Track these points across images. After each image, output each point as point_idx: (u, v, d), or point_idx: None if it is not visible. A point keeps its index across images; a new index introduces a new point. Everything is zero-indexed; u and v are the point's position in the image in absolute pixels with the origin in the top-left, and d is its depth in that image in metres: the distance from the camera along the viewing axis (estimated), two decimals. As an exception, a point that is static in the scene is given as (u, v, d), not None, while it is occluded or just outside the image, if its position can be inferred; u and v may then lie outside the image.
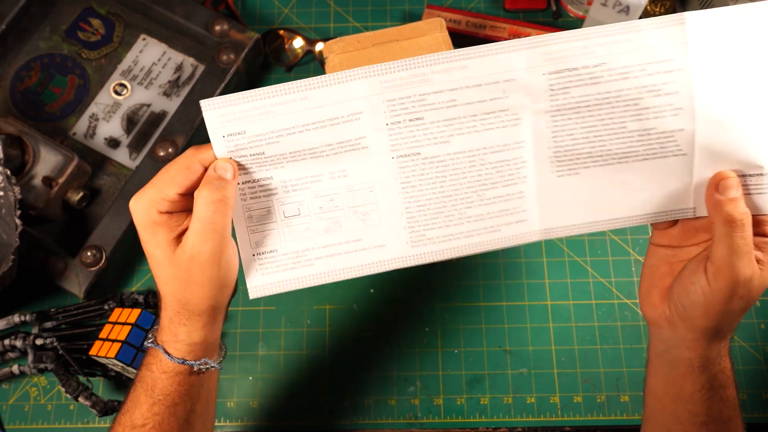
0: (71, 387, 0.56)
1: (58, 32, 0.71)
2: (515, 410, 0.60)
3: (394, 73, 0.37)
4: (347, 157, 0.39)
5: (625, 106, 0.38)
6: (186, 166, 0.37)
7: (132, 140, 0.67)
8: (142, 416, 0.40)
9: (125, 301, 0.61)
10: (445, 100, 0.38)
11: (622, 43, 0.37)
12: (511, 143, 0.39)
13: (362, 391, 0.61)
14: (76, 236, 0.63)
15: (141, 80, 0.69)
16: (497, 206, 0.41)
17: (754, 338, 0.61)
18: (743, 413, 0.59)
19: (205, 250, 0.36)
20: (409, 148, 0.39)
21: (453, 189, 0.40)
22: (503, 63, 0.37)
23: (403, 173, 0.40)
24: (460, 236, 0.41)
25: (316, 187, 0.40)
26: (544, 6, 0.74)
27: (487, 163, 0.40)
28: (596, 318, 0.63)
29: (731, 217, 0.36)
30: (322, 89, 0.37)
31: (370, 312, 0.64)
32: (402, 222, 0.41)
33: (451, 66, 0.37)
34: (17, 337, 0.59)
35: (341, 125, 0.38)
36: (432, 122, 0.39)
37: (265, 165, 0.39)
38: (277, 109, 0.37)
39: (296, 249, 0.41)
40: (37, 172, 0.60)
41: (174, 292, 0.39)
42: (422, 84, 0.38)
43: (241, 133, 0.37)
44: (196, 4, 0.68)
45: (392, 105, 0.38)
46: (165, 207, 0.37)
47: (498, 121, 0.39)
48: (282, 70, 0.73)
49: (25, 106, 0.68)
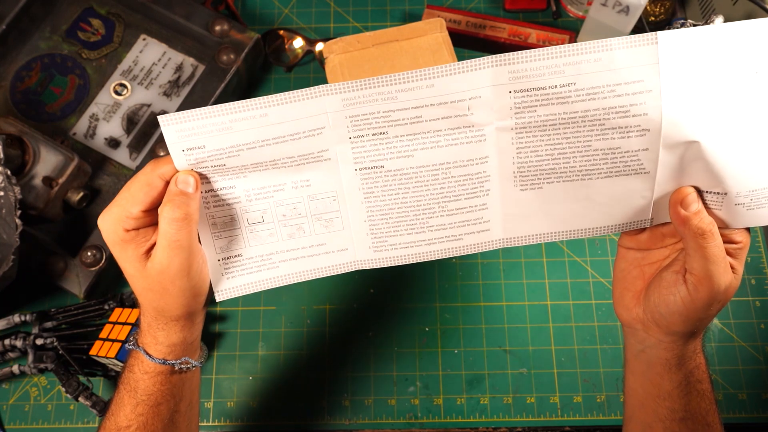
0: (71, 387, 0.56)
1: (59, 32, 0.71)
2: (515, 410, 0.60)
3: (357, 91, 0.37)
4: (310, 168, 0.39)
5: (591, 125, 0.38)
6: (146, 182, 0.37)
7: (132, 140, 0.67)
8: (126, 417, 0.41)
9: (125, 301, 0.61)
10: (410, 116, 0.38)
11: (591, 63, 0.36)
12: (475, 158, 0.40)
13: (362, 391, 0.61)
14: (76, 236, 0.63)
15: (141, 80, 0.69)
16: (459, 217, 0.41)
17: (754, 338, 0.61)
18: (743, 413, 0.59)
19: (173, 264, 0.37)
20: (372, 161, 0.39)
21: (415, 200, 0.40)
22: (469, 81, 0.37)
23: (365, 184, 0.40)
24: (422, 243, 0.42)
25: (279, 195, 0.40)
26: (544, 6, 0.74)
27: (450, 177, 0.40)
28: (596, 318, 0.63)
29: (701, 229, 0.37)
30: (282, 106, 0.37)
31: (370, 312, 0.64)
32: (364, 228, 0.41)
33: (417, 85, 0.37)
34: (17, 337, 0.59)
35: (303, 140, 0.38)
36: (396, 137, 0.38)
37: (227, 175, 0.39)
38: (236, 125, 0.37)
39: (261, 253, 0.41)
40: (38, 172, 0.60)
41: (149, 301, 0.40)
42: (387, 101, 0.37)
43: (200, 147, 0.37)
44: (196, 4, 0.68)
45: (355, 120, 0.38)
46: (131, 224, 0.37)
47: (462, 136, 0.39)
48: (282, 70, 0.73)
49: (26, 106, 0.68)
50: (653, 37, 0.36)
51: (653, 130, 0.37)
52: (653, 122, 0.37)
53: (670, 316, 0.40)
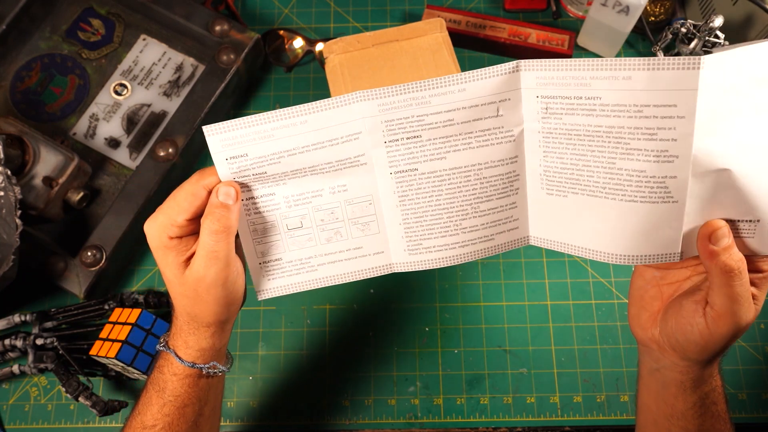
0: (71, 387, 0.56)
1: (59, 32, 0.71)
2: (515, 410, 0.60)
3: (392, 96, 0.38)
4: (347, 173, 0.40)
5: (616, 143, 0.37)
6: (191, 192, 0.38)
7: (132, 140, 0.67)
8: (153, 417, 0.42)
9: (125, 301, 0.61)
10: (443, 120, 0.39)
11: (620, 81, 0.35)
12: (505, 158, 0.40)
13: (362, 391, 0.61)
14: (76, 236, 0.63)
15: (141, 80, 0.69)
16: (491, 217, 0.42)
17: (754, 338, 0.61)
18: (743, 413, 0.59)
19: (210, 274, 0.38)
20: (406, 165, 0.40)
21: (448, 202, 0.41)
22: (499, 85, 0.38)
23: (400, 187, 0.41)
24: (456, 246, 0.42)
25: (317, 201, 0.41)
26: (544, 6, 0.74)
27: (482, 177, 0.41)
28: (596, 318, 0.63)
29: (729, 266, 0.36)
30: (322, 113, 0.38)
31: (370, 312, 0.64)
32: (400, 231, 0.42)
33: (450, 89, 0.38)
34: (17, 337, 0.59)
35: (340, 145, 0.39)
36: (429, 140, 0.39)
37: (268, 182, 0.40)
38: (277, 132, 0.38)
39: (300, 257, 0.42)
40: (38, 172, 0.60)
41: (183, 306, 0.41)
42: (421, 106, 0.38)
43: (243, 155, 0.39)
44: (196, 4, 0.68)
45: (390, 125, 0.39)
46: (174, 232, 0.39)
47: (493, 137, 0.40)
48: (282, 70, 0.73)
49: (26, 106, 0.68)
50: (695, 61, 0.33)
51: (682, 157, 0.35)
52: (682, 149, 0.35)
53: (686, 345, 0.39)
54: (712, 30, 0.60)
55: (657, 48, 0.65)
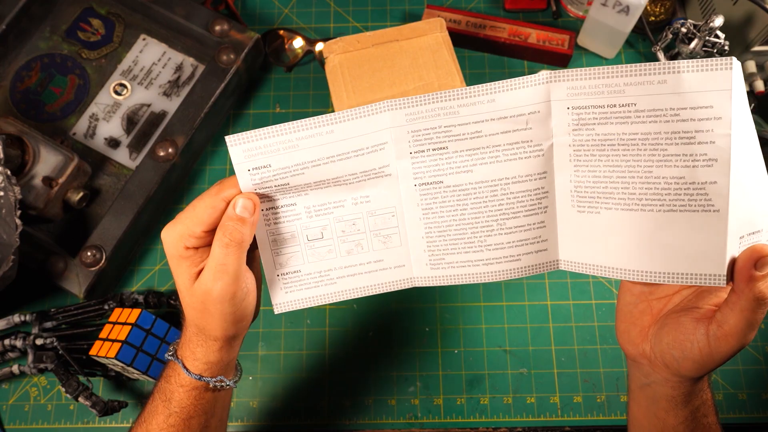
0: (71, 387, 0.56)
1: (58, 32, 0.71)
2: (515, 410, 0.60)
3: (420, 106, 0.37)
4: (370, 184, 0.39)
5: (653, 150, 0.36)
6: (210, 205, 0.38)
7: (132, 140, 0.67)
8: (158, 426, 0.41)
9: (125, 301, 0.61)
10: (471, 131, 0.38)
11: (656, 85, 0.35)
12: (533, 174, 0.39)
13: (362, 391, 0.61)
14: (76, 236, 0.63)
15: (141, 80, 0.69)
16: (518, 235, 0.40)
17: (754, 338, 0.61)
18: (743, 413, 0.59)
19: (216, 288, 0.38)
20: (431, 177, 0.39)
21: (474, 217, 0.40)
22: (529, 97, 0.37)
23: (424, 200, 0.40)
24: (479, 263, 0.41)
25: (339, 212, 0.40)
26: (544, 6, 0.74)
27: (509, 192, 0.39)
28: (596, 318, 0.63)
29: (763, 295, 0.34)
30: (348, 123, 0.37)
31: (370, 312, 0.64)
32: (422, 245, 0.41)
33: (479, 100, 0.37)
34: (17, 337, 0.59)
35: (365, 155, 0.38)
36: (456, 152, 0.38)
37: (289, 193, 0.39)
38: (302, 142, 0.37)
39: (319, 269, 0.41)
40: (38, 172, 0.60)
41: (192, 318, 0.40)
42: (449, 116, 0.38)
43: (266, 166, 0.38)
44: (196, 4, 0.68)
45: (416, 135, 0.38)
46: (191, 243, 0.38)
47: (521, 151, 0.38)
48: (282, 70, 0.73)
49: (26, 106, 0.68)
50: (728, 62, 0.33)
51: (721, 161, 0.34)
52: (722, 152, 0.34)
53: (683, 361, 0.38)
54: (713, 30, 0.60)
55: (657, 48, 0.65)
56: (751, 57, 0.64)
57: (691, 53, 0.62)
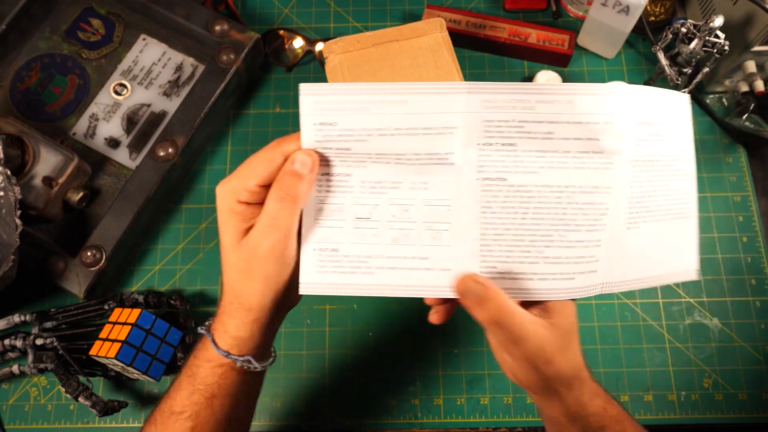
0: (71, 387, 0.56)
1: (58, 32, 0.71)
2: (515, 410, 0.60)
3: (498, 94, 0.36)
4: (432, 170, 0.37)
5: (671, 165, 0.40)
6: (268, 158, 0.37)
7: (132, 140, 0.67)
8: (181, 403, 0.40)
9: (125, 301, 0.61)
10: (543, 131, 0.36)
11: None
12: (600, 186, 0.37)
13: (362, 391, 0.61)
14: (76, 236, 0.63)
15: (141, 80, 0.69)
16: (576, 251, 0.38)
17: (754, 338, 0.61)
18: (743, 413, 0.59)
19: (265, 244, 0.36)
20: (496, 172, 0.37)
21: (535, 223, 0.37)
22: (607, 105, 0.36)
23: (485, 197, 0.37)
24: (534, 277, 0.38)
25: (394, 193, 0.38)
26: (544, 6, 0.74)
27: (574, 202, 0.37)
28: (596, 318, 0.63)
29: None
30: (424, 96, 0.36)
31: (370, 312, 0.64)
32: (474, 248, 0.38)
33: (558, 98, 0.36)
34: (17, 337, 0.59)
35: (433, 136, 0.36)
36: (524, 150, 0.37)
37: (348, 161, 0.37)
38: (374, 107, 0.36)
39: (359, 253, 0.39)
40: (37, 172, 0.60)
41: (231, 281, 0.39)
42: (524, 111, 0.36)
43: (333, 124, 0.36)
44: (196, 4, 0.68)
45: (488, 126, 0.36)
46: (244, 197, 0.37)
47: (591, 161, 0.37)
48: (282, 69, 0.73)
49: (26, 106, 0.68)
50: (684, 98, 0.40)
51: (693, 174, 0.41)
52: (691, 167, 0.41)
53: (513, 378, 0.40)
54: (713, 30, 0.60)
55: (657, 48, 0.65)
56: (751, 57, 0.64)
57: (691, 53, 0.62)
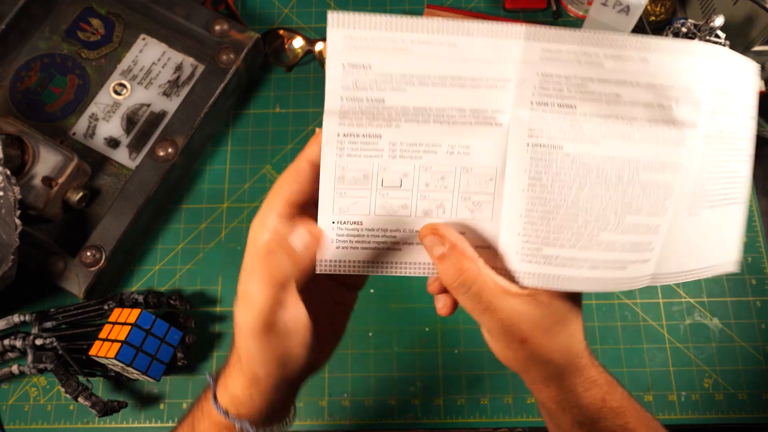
0: (71, 387, 0.56)
1: (58, 32, 0.71)
2: (515, 410, 0.60)
3: (562, 43, 0.30)
4: (475, 131, 0.32)
5: (732, 144, 0.34)
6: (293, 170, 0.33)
7: (132, 140, 0.67)
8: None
9: (125, 301, 0.61)
10: (608, 93, 0.31)
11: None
12: (669, 164, 0.32)
13: (362, 391, 0.61)
14: (76, 236, 0.63)
15: (141, 80, 0.69)
16: (632, 237, 0.33)
17: (754, 338, 0.61)
18: (743, 413, 0.59)
19: (238, 317, 0.32)
20: (550, 138, 0.32)
21: (590, 201, 0.32)
22: (686, 66, 0.31)
23: (535, 166, 0.32)
24: (584, 265, 0.33)
25: (429, 159, 0.32)
26: (544, 6, 0.74)
27: (637, 180, 0.32)
28: (596, 318, 0.62)
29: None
30: (476, 38, 0.30)
31: (370, 312, 0.64)
32: (517, 226, 0.33)
33: (629, 55, 0.30)
34: (17, 337, 0.59)
35: (482, 90, 0.31)
36: (584, 114, 0.31)
37: (378, 119, 0.32)
38: (417, 48, 0.30)
39: (385, 227, 0.33)
40: (37, 172, 0.60)
41: (235, 336, 0.34)
42: (590, 66, 0.31)
43: (365, 66, 0.31)
44: (196, 4, 0.68)
45: (546, 82, 0.31)
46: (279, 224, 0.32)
47: (660, 134, 0.31)
48: (282, 69, 0.72)
49: (25, 106, 0.68)
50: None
51: (750, 155, 0.36)
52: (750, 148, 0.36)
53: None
54: (713, 30, 0.60)
55: (657, 48, 0.65)
56: (751, 57, 0.64)
57: (691, 53, 0.62)
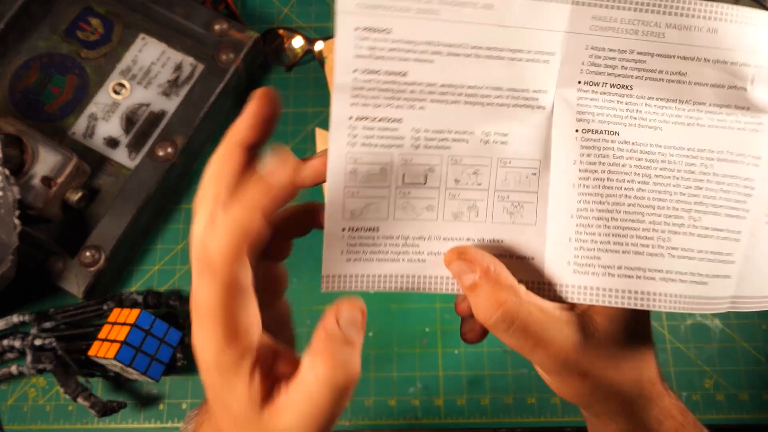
0: (70, 387, 0.56)
1: (57, 32, 0.70)
2: (515, 411, 0.60)
3: (616, 9, 0.25)
4: (514, 114, 0.26)
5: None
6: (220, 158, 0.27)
7: (131, 140, 0.67)
8: None
9: (124, 301, 0.61)
10: (671, 71, 0.26)
11: None
12: (746, 155, 0.27)
13: (362, 391, 0.61)
14: (76, 236, 0.63)
15: (140, 80, 0.69)
16: (712, 243, 0.27)
17: (754, 338, 0.61)
18: (743, 414, 0.59)
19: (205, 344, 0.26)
20: (602, 123, 0.27)
21: (656, 198, 0.27)
22: (764, 39, 0.26)
23: (586, 157, 0.27)
24: (656, 276, 0.27)
25: (459, 149, 0.26)
26: None
27: (711, 173, 0.27)
28: (597, 318, 0.62)
29: None
30: (517, 1, 0.25)
31: (370, 312, 0.63)
32: (569, 230, 0.27)
33: (695, 24, 0.25)
34: (16, 338, 0.59)
35: (522, 64, 0.26)
36: (642, 97, 0.26)
37: (399, 98, 0.26)
38: (446, 10, 0.24)
39: (406, 234, 0.27)
40: (36, 171, 0.60)
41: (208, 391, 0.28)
42: (648, 39, 0.26)
43: (384, 31, 0.24)
44: (195, 3, 0.67)
45: (596, 57, 0.26)
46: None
47: (733, 120, 0.27)
48: (282, 69, 0.72)
49: (24, 106, 0.68)
50: None
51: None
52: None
53: None
54: None
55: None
56: None
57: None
